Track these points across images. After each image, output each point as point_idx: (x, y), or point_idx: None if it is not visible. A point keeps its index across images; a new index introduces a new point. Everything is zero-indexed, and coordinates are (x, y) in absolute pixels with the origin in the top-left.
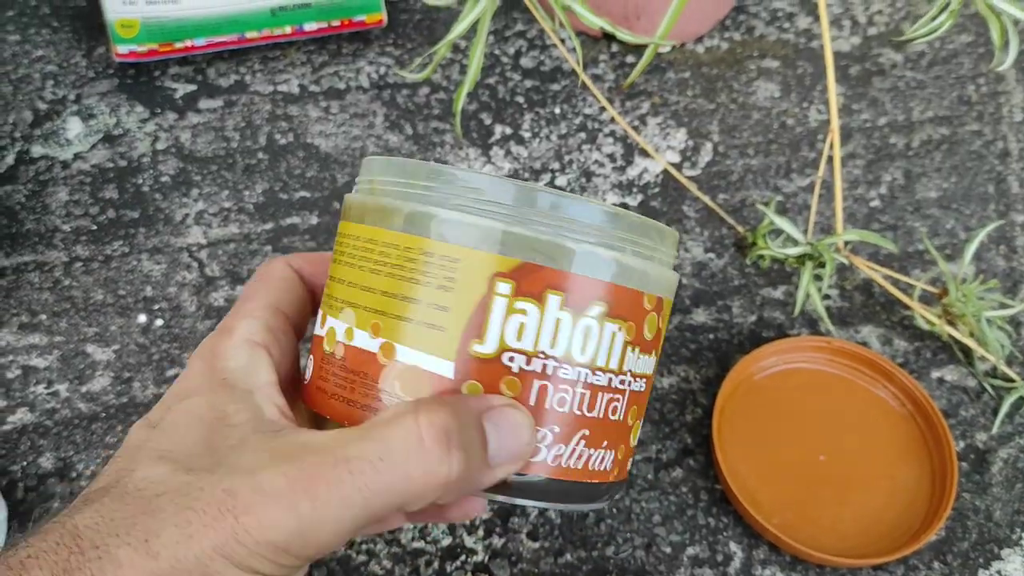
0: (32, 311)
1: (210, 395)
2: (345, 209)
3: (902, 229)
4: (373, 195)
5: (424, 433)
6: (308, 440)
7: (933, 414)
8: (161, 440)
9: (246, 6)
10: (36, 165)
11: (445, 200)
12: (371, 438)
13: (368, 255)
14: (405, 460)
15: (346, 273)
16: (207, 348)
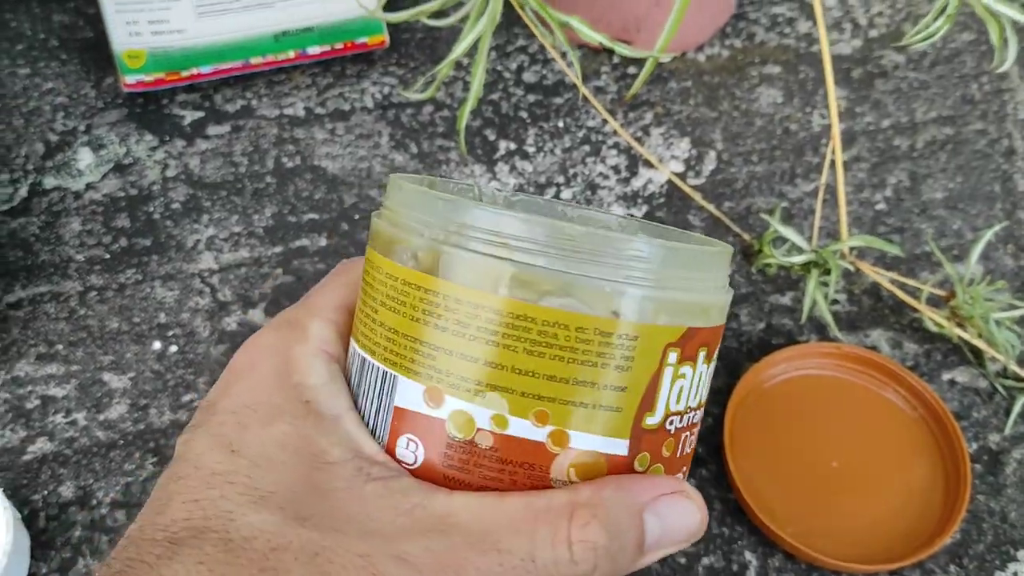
0: (49, 341)
1: (298, 422)
2: (444, 265)
3: (909, 231)
4: (515, 264)
5: (575, 544)
6: (450, 511)
7: (944, 417)
8: (255, 475)
9: (250, 33)
10: (49, 196)
11: (620, 273)
12: (523, 532)
13: (518, 333)
14: (553, 565)
15: (471, 348)
16: (277, 349)
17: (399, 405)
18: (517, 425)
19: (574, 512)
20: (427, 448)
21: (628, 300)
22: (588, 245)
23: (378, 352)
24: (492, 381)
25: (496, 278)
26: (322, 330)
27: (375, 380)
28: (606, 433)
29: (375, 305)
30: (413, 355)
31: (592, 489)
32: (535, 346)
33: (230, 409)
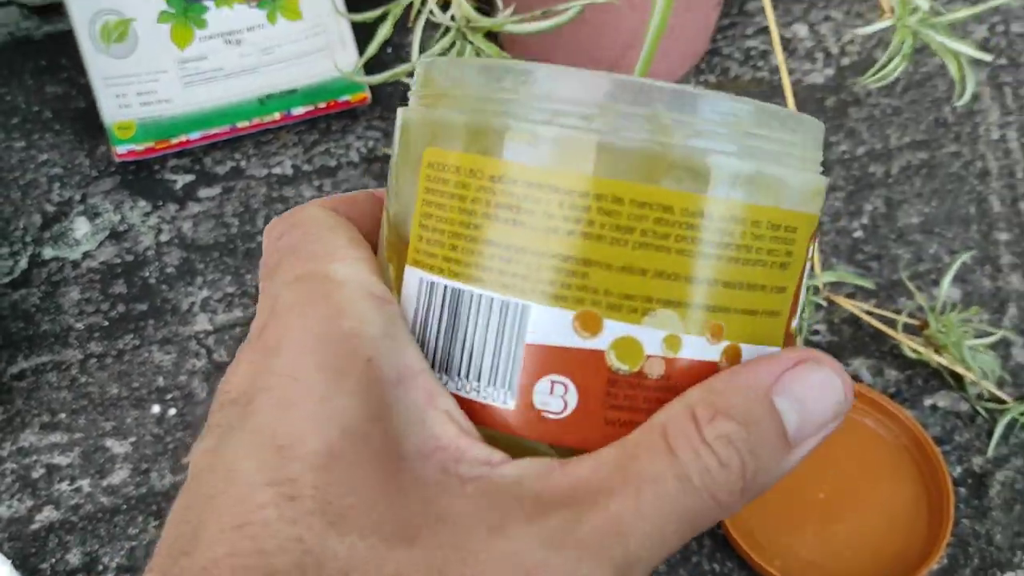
0: (52, 410)
1: (364, 392)
2: (602, 154)
3: (886, 258)
4: (663, 145)
5: (713, 443)
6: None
7: (926, 443)
8: (321, 481)
9: (235, 98)
10: (48, 267)
11: (783, 157)
12: (663, 452)
13: (692, 234)
14: (708, 475)
15: (637, 258)
16: (309, 297)
17: (534, 342)
18: (691, 345)
19: (696, 411)
20: (582, 390)
21: (791, 186)
22: (754, 123)
23: (490, 279)
24: (663, 295)
25: (665, 171)
26: (354, 270)
27: (486, 316)
28: (767, 342)
29: (475, 220)
30: (553, 275)
31: (701, 388)
32: (711, 248)
33: (265, 387)
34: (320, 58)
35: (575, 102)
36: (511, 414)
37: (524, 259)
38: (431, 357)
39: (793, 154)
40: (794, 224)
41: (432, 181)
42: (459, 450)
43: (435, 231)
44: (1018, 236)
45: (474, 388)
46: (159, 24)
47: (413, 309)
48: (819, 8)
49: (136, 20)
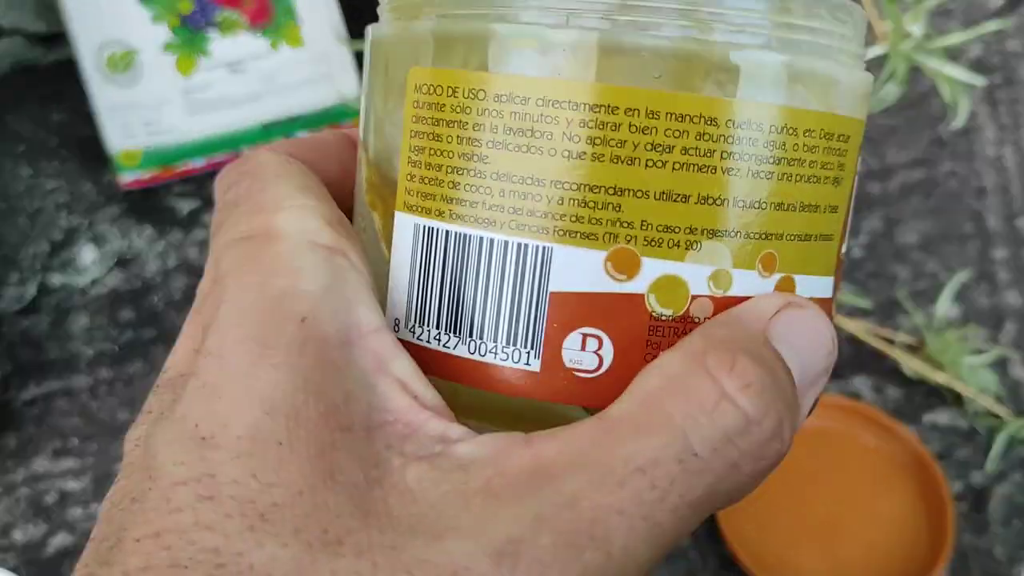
0: (63, 436)
1: (293, 359)
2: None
3: (885, 276)
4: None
5: (739, 394)
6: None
7: (926, 459)
8: (243, 476)
9: (238, 125)
10: (57, 294)
11: (833, 52)
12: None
13: (741, 149)
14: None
15: (677, 182)
16: (243, 258)
17: (560, 289)
18: (742, 280)
19: (707, 361)
20: (619, 342)
21: (843, 87)
22: (803, 12)
23: (502, 219)
24: (709, 224)
25: (705, 71)
26: (300, 220)
27: (500, 264)
28: (822, 271)
29: (479, 150)
30: (577, 210)
31: (701, 335)
32: (762, 163)
33: (192, 370)
34: (322, 85)
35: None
36: (536, 377)
37: (543, 192)
38: (435, 316)
39: (844, 49)
40: (847, 131)
41: (421, 108)
42: (409, 425)
43: (430, 167)
44: (1014, 253)
45: (490, 350)
46: (164, 54)
47: (409, 262)
48: None
49: (141, 51)
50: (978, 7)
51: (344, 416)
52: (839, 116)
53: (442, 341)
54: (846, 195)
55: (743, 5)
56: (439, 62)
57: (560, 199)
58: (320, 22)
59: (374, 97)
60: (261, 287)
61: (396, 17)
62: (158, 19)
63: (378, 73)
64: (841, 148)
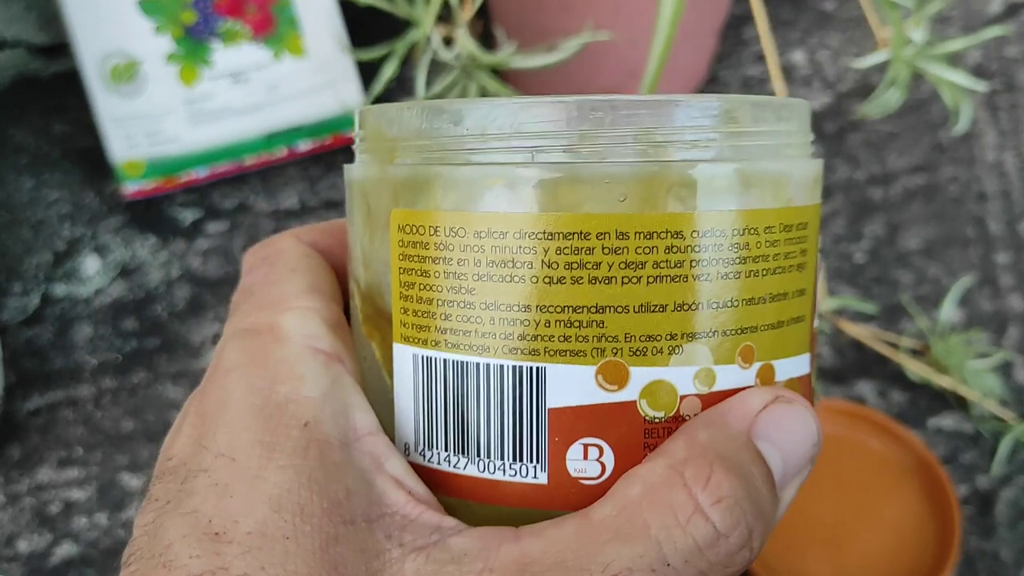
0: (68, 446)
1: (297, 461)
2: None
3: (888, 282)
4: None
5: (712, 508)
6: (526, 558)
7: (932, 463)
8: (253, 568)
9: (241, 135)
10: (61, 305)
11: (782, 149)
12: (634, 534)
13: (709, 255)
14: (699, 553)
15: (654, 294)
16: (249, 359)
17: (557, 405)
18: (725, 375)
19: (685, 472)
20: (617, 447)
21: (797, 180)
22: (749, 119)
23: (495, 347)
24: (688, 328)
25: (663, 189)
26: (302, 323)
27: (498, 387)
28: (797, 351)
29: (465, 283)
30: (564, 331)
31: (684, 440)
32: (729, 265)
33: (203, 467)
34: (325, 94)
35: (550, 134)
36: (545, 489)
37: (530, 317)
38: (443, 440)
39: (791, 143)
40: (804, 219)
41: (407, 246)
42: (406, 517)
43: (421, 301)
44: (1016, 258)
45: (498, 467)
46: (167, 65)
47: (412, 389)
48: (815, 36)
49: (144, 61)
50: (976, 14)
51: (346, 510)
52: (794, 208)
53: (452, 463)
54: (811, 276)
55: (693, 123)
56: (417, 204)
57: (547, 322)
58: (322, 32)
59: (362, 234)
60: (267, 393)
61: (371, 160)
62: (161, 30)
63: (360, 213)
64: (801, 236)
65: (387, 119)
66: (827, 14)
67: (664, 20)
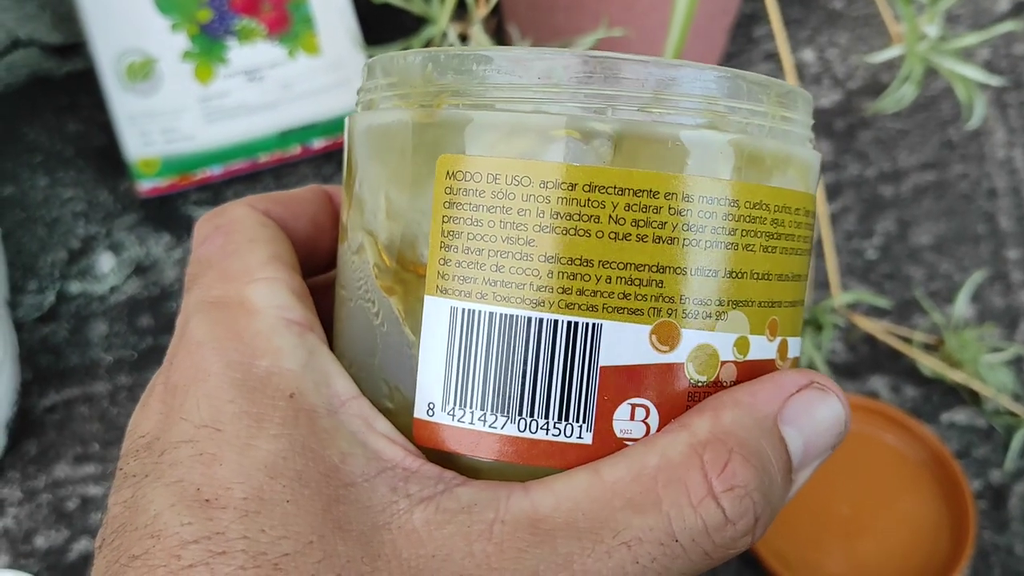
0: (84, 442)
1: (289, 429)
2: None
3: (899, 278)
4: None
5: (724, 496)
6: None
7: (946, 458)
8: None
9: (256, 133)
10: (76, 302)
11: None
12: (645, 505)
13: (753, 227)
14: (705, 536)
15: (707, 259)
16: (222, 333)
17: (609, 364)
18: (757, 346)
19: (704, 455)
20: (663, 408)
21: (814, 168)
22: (785, 103)
23: (551, 299)
24: (734, 295)
25: (731, 156)
26: (270, 293)
27: (550, 343)
28: (797, 332)
29: (525, 234)
30: (624, 288)
31: (710, 418)
32: (770, 240)
33: (184, 438)
34: (339, 92)
35: (632, 88)
36: (587, 449)
37: (591, 272)
38: (480, 397)
39: (804, 134)
40: (810, 207)
41: (455, 194)
42: (408, 469)
43: (468, 251)
44: None
45: (541, 426)
46: (183, 63)
47: (445, 345)
48: (824, 34)
49: (160, 59)
50: (984, 12)
51: (344, 474)
52: (811, 194)
53: (488, 422)
54: (808, 264)
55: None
56: (476, 150)
57: (608, 278)
58: (337, 30)
59: (383, 183)
60: (247, 367)
61: (407, 105)
62: (177, 28)
63: (388, 160)
64: (810, 223)
65: (434, 64)
66: (836, 12)
67: (678, 17)
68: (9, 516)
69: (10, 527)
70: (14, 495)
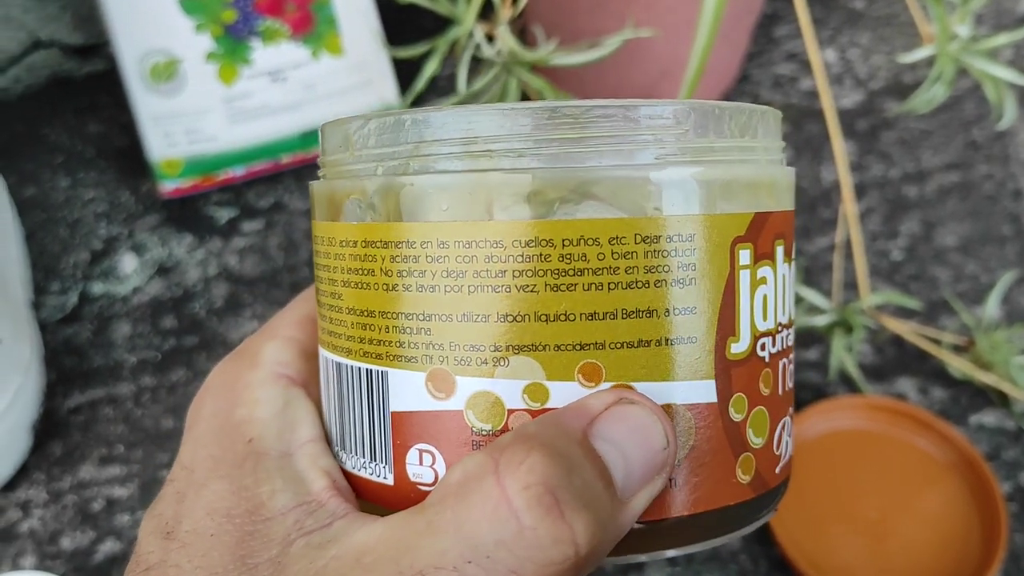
0: (109, 443)
1: (235, 472)
2: (410, 202)
3: (925, 279)
4: (506, 172)
5: (517, 503)
6: (367, 546)
7: (976, 460)
8: (183, 561)
9: (278, 134)
10: (99, 303)
11: (649, 152)
12: (445, 527)
13: (533, 266)
14: (510, 551)
15: (474, 304)
16: (223, 383)
17: (397, 409)
18: (561, 392)
19: (500, 458)
20: (447, 456)
21: (671, 187)
22: (598, 124)
23: (354, 349)
24: (514, 341)
25: (485, 197)
26: (277, 350)
27: (358, 387)
28: (684, 376)
29: (336, 288)
30: (399, 336)
31: (512, 432)
32: (560, 277)
33: (173, 476)
34: (361, 93)
35: (383, 146)
36: (392, 490)
37: (375, 323)
38: (336, 437)
39: (685, 150)
40: (688, 231)
41: (317, 256)
42: (319, 503)
43: (321, 306)
44: None
45: (363, 465)
46: (207, 63)
47: (324, 389)
48: (846, 35)
49: (184, 60)
50: (1007, 12)
51: (267, 509)
52: (653, 219)
53: (341, 458)
54: (707, 294)
55: (500, 131)
56: (317, 214)
57: (387, 327)
58: (360, 31)
59: None
60: (226, 414)
61: (317, 179)
62: (201, 28)
63: None
64: (681, 248)
65: (323, 134)
66: (857, 12)
67: (707, 17)
68: (35, 517)
69: (36, 528)
70: (40, 496)
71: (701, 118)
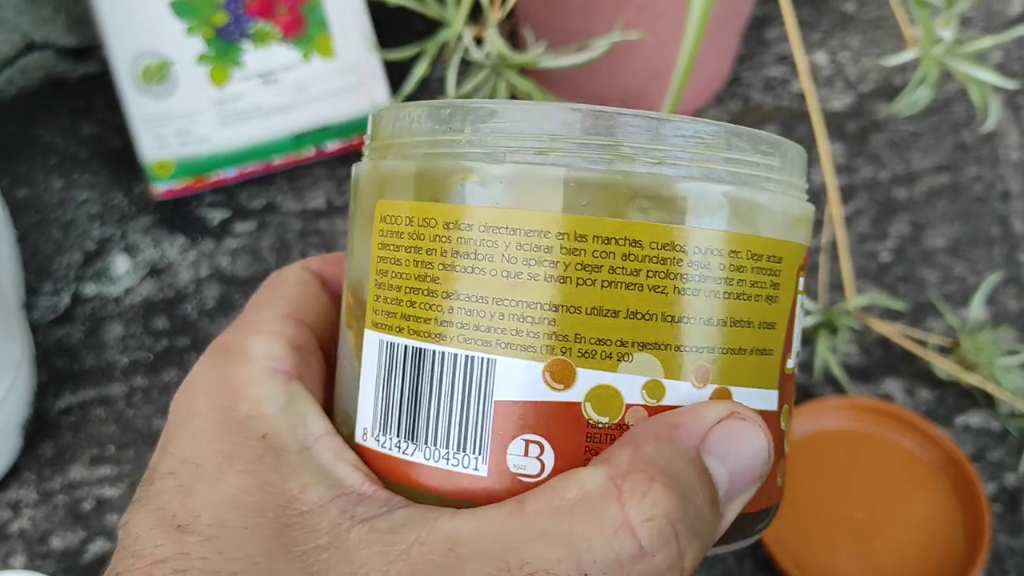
0: (100, 444)
1: (254, 467)
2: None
3: (913, 281)
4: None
5: (641, 526)
6: (457, 537)
7: (961, 461)
8: (210, 553)
9: (270, 136)
10: (91, 304)
11: (757, 181)
12: (557, 536)
13: (667, 268)
14: (620, 567)
15: (609, 299)
16: (213, 378)
17: (503, 398)
18: (676, 391)
19: (623, 485)
20: (559, 447)
21: (771, 212)
22: (723, 145)
23: (452, 334)
24: (639, 337)
25: (628, 201)
26: (267, 346)
27: (450, 375)
28: (760, 384)
29: (431, 272)
30: (516, 324)
31: (630, 451)
32: (688, 283)
33: (170, 470)
34: (353, 95)
35: (526, 136)
36: (484, 482)
37: (486, 309)
38: (396, 425)
39: (770, 178)
40: (778, 253)
41: (386, 236)
42: (362, 494)
43: (392, 288)
44: None
45: (443, 456)
46: (198, 66)
47: (374, 375)
48: (836, 37)
49: (176, 62)
50: (997, 15)
51: (302, 502)
52: (765, 238)
53: (402, 448)
54: (784, 312)
55: (666, 140)
56: (399, 195)
57: (500, 315)
58: (351, 33)
59: (352, 228)
60: (228, 411)
61: (370, 156)
62: (193, 31)
63: (355, 206)
64: (773, 268)
65: (387, 119)
66: (848, 15)
67: (693, 20)
68: (25, 517)
69: (26, 528)
70: (30, 496)
71: (790, 152)
